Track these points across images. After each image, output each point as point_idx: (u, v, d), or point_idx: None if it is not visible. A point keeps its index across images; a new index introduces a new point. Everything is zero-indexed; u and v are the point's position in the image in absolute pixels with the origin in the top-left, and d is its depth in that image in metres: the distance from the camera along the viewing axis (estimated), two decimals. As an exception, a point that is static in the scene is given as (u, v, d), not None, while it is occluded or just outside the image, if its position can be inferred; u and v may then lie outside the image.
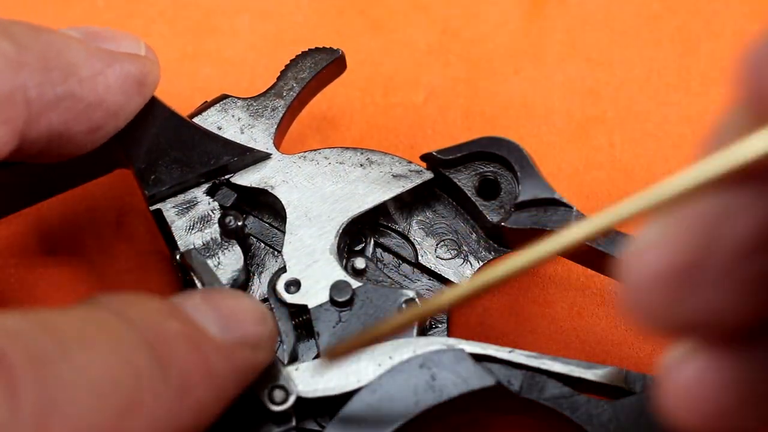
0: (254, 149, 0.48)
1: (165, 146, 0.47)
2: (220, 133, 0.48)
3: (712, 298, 0.28)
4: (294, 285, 0.46)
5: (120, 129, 0.45)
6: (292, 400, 0.43)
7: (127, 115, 0.45)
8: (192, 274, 0.46)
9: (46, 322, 0.36)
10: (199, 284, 0.45)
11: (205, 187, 0.48)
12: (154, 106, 0.47)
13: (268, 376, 0.43)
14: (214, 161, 0.47)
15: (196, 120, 0.48)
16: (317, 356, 0.46)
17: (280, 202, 0.47)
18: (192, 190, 0.48)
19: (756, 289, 0.28)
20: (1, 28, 0.42)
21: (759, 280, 0.28)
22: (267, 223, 0.49)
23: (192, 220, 0.47)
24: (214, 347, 0.39)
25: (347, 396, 0.43)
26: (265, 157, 0.48)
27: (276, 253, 0.48)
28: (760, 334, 0.30)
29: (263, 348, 0.41)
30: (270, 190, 0.48)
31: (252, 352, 0.41)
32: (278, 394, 0.43)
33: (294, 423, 0.43)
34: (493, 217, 0.48)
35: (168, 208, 0.47)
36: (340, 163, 0.48)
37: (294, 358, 0.46)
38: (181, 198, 0.47)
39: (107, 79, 0.44)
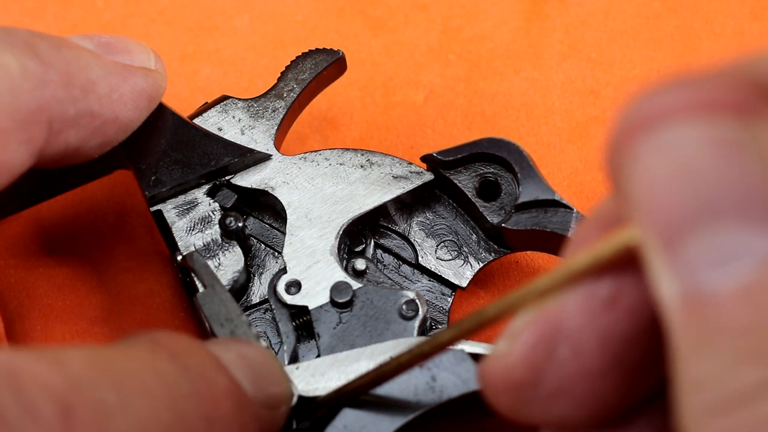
0: (255, 150, 0.48)
1: (165, 147, 0.47)
2: (220, 134, 0.48)
3: (551, 407, 0.32)
4: (294, 286, 0.46)
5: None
6: (292, 402, 0.43)
7: (135, 128, 0.45)
8: (193, 276, 0.46)
9: (110, 367, 0.36)
10: (200, 286, 0.45)
11: (205, 188, 0.48)
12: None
13: None
14: (215, 162, 0.47)
15: (196, 121, 0.48)
16: (318, 357, 0.46)
17: (281, 203, 0.47)
18: (192, 191, 0.48)
19: (597, 399, 0.32)
20: (25, 42, 0.42)
21: (599, 392, 0.32)
22: (267, 224, 0.49)
23: (192, 221, 0.47)
24: (250, 406, 0.39)
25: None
26: (265, 158, 0.48)
27: (276, 254, 0.48)
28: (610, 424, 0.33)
29: (283, 409, 0.42)
30: (270, 191, 0.48)
31: (274, 413, 0.41)
32: None
33: (294, 425, 0.44)
34: (493, 219, 0.48)
35: (168, 209, 0.47)
36: (341, 164, 0.48)
37: (294, 360, 0.46)
38: (181, 199, 0.47)
39: (123, 96, 0.44)
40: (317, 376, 0.44)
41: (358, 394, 0.43)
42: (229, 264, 0.46)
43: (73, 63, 0.42)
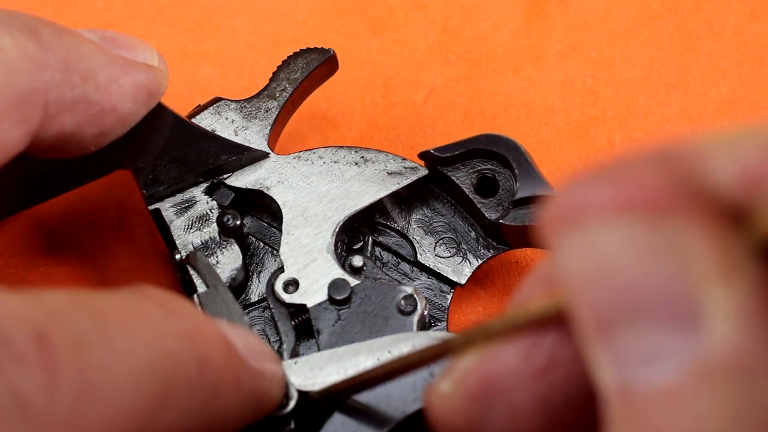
0: (252, 148, 0.48)
1: (163, 146, 0.47)
2: (214, 135, 0.48)
3: None
4: (292, 285, 0.46)
5: (124, 134, 0.45)
6: (291, 405, 0.43)
7: (133, 122, 0.45)
8: (195, 275, 0.46)
9: (89, 303, 0.36)
10: (201, 286, 0.45)
11: (203, 186, 0.48)
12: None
13: None
14: (212, 161, 0.47)
15: (189, 123, 0.48)
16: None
17: (276, 202, 0.48)
18: (190, 189, 0.48)
19: None
20: (27, 26, 0.42)
21: None
22: (265, 222, 0.49)
23: (190, 219, 0.47)
24: (243, 364, 0.39)
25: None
26: (263, 156, 0.48)
27: (275, 252, 0.48)
28: None
29: (277, 387, 0.41)
30: (266, 191, 0.48)
31: (270, 385, 0.41)
32: None
33: (292, 426, 0.43)
34: (491, 215, 0.48)
35: (166, 208, 0.47)
36: (335, 162, 0.48)
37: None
38: (179, 197, 0.47)
39: (122, 87, 0.44)
40: (315, 370, 0.44)
41: (347, 394, 0.43)
42: (227, 262, 0.47)
43: (74, 49, 0.43)
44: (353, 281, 0.46)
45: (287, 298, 0.46)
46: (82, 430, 0.33)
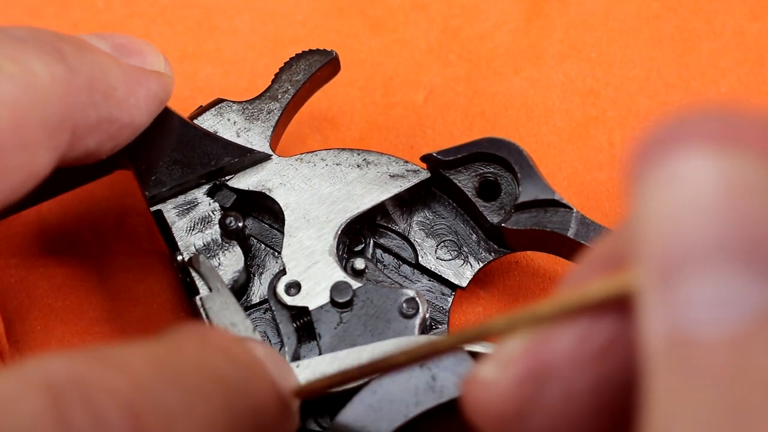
0: (254, 150, 0.48)
1: (165, 147, 0.47)
2: (216, 137, 0.48)
3: None
4: (294, 287, 0.46)
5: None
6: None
7: (142, 129, 0.45)
8: (197, 277, 0.46)
9: (170, 370, 0.35)
10: (203, 288, 0.45)
11: (205, 188, 0.48)
12: None
13: None
14: (215, 162, 0.47)
15: (191, 124, 0.48)
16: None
17: (278, 204, 0.47)
18: (192, 191, 0.48)
19: None
20: (52, 47, 0.41)
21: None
22: (267, 224, 0.49)
23: (192, 221, 0.47)
24: (286, 408, 0.39)
25: (347, 394, 0.44)
26: (265, 157, 0.48)
27: (276, 253, 0.48)
28: None
29: (297, 402, 0.41)
30: (268, 193, 0.48)
31: (294, 406, 0.41)
32: None
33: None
34: (493, 218, 0.48)
35: (168, 209, 0.47)
36: (337, 164, 0.48)
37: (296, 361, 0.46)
38: (181, 199, 0.47)
39: (138, 100, 0.44)
40: (318, 374, 0.44)
41: (345, 382, 0.42)
42: (229, 264, 0.47)
43: (96, 68, 0.42)
44: (355, 284, 0.46)
45: (289, 300, 0.46)
46: None
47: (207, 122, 0.48)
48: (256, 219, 0.49)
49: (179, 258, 0.47)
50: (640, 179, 0.28)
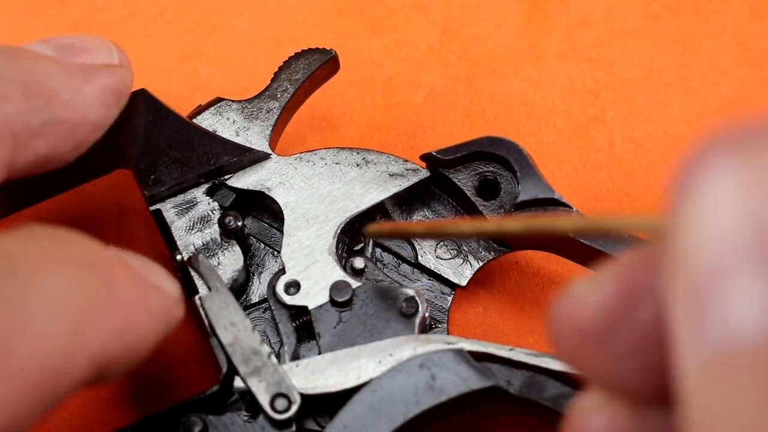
0: (253, 149, 0.48)
1: (164, 146, 0.47)
2: (215, 136, 0.48)
3: (616, 366, 0.31)
4: (293, 286, 0.46)
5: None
6: (294, 409, 0.43)
7: (108, 125, 0.45)
8: (196, 277, 0.46)
9: None
10: (203, 288, 0.45)
11: (204, 187, 0.48)
12: (153, 106, 0.47)
13: (272, 383, 0.43)
14: (214, 161, 0.47)
15: (190, 124, 0.48)
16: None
17: (278, 203, 0.47)
18: (191, 190, 0.48)
19: (654, 365, 0.30)
20: None
21: (656, 359, 0.30)
22: (266, 223, 0.49)
23: (192, 220, 0.47)
24: (146, 283, 0.40)
25: (347, 393, 0.43)
26: (264, 157, 0.48)
27: (276, 253, 0.48)
28: (659, 402, 0.31)
29: (179, 304, 0.41)
30: (267, 192, 0.48)
31: (172, 302, 0.41)
32: (281, 403, 0.43)
33: (294, 428, 0.44)
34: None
35: (168, 209, 0.47)
36: (337, 163, 0.48)
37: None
38: (180, 198, 0.47)
39: (86, 97, 0.43)
40: (317, 373, 0.44)
41: (409, 236, 0.41)
42: (228, 263, 0.46)
43: (32, 73, 0.42)
44: (355, 283, 0.46)
45: (288, 299, 0.46)
46: (12, 370, 0.33)
47: (206, 121, 0.48)
48: (255, 218, 0.49)
49: (178, 257, 0.47)
50: (674, 205, 0.27)
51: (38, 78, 0.42)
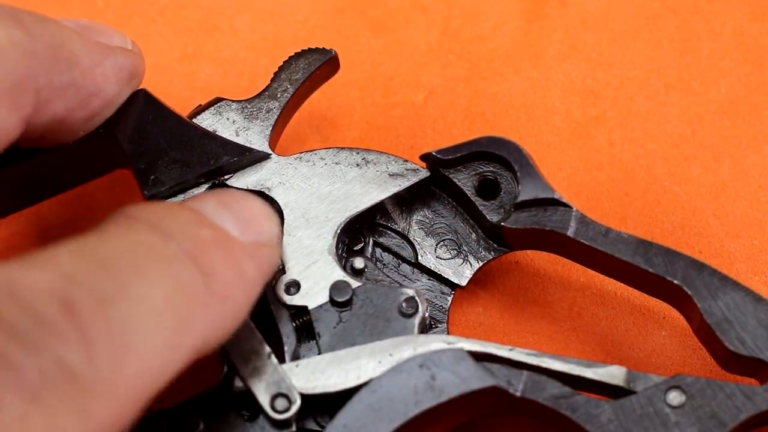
0: (253, 149, 0.48)
1: (165, 146, 0.47)
2: (215, 136, 0.48)
3: None
4: (293, 286, 0.46)
5: (110, 117, 0.46)
6: (294, 409, 0.43)
7: (118, 104, 0.46)
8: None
9: (97, 254, 0.36)
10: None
11: (204, 187, 0.48)
12: (153, 106, 0.47)
13: (271, 383, 0.43)
14: (214, 161, 0.47)
15: (190, 123, 0.48)
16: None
17: (278, 203, 0.47)
18: (191, 190, 0.48)
19: None
20: (11, 16, 0.42)
21: None
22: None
23: (192, 220, 0.47)
24: (240, 249, 0.40)
25: (347, 393, 0.43)
26: (264, 157, 0.48)
27: (276, 253, 0.48)
28: None
29: (275, 244, 0.42)
30: (267, 192, 0.48)
31: (268, 250, 0.42)
32: (281, 403, 0.43)
33: (294, 428, 0.44)
34: (492, 217, 0.48)
35: (168, 209, 0.47)
36: (336, 163, 0.48)
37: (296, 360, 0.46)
38: (180, 198, 0.47)
39: (105, 69, 0.45)
40: (317, 373, 0.44)
41: None
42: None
43: (57, 36, 0.43)
44: (355, 283, 0.46)
45: (288, 299, 0.46)
46: (124, 384, 0.34)
47: (206, 121, 0.48)
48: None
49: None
50: None
51: (63, 41, 0.43)
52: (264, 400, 0.43)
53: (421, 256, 0.49)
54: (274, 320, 0.46)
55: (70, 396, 0.33)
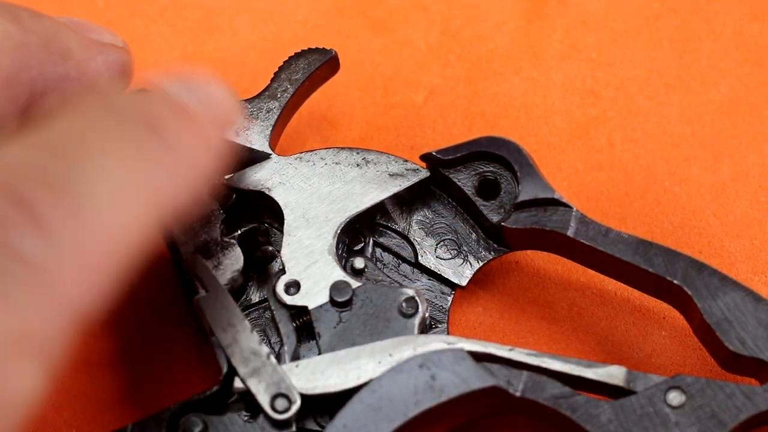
0: (253, 149, 0.48)
1: (165, 146, 0.47)
2: (215, 135, 0.48)
3: None
4: (294, 286, 0.46)
5: None
6: (294, 409, 0.43)
7: None
8: (194, 278, 0.46)
9: (49, 144, 0.35)
10: (201, 290, 0.45)
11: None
12: None
13: (271, 383, 0.43)
14: (214, 161, 0.47)
15: (191, 123, 0.48)
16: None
17: (278, 204, 0.47)
18: (191, 190, 0.48)
19: None
20: (6, 11, 0.43)
21: None
22: (266, 223, 0.49)
23: (192, 220, 0.47)
24: (200, 119, 0.39)
25: (347, 393, 0.43)
26: (264, 157, 0.48)
27: (276, 252, 0.48)
28: None
29: (236, 113, 0.42)
30: (267, 192, 0.48)
31: (230, 115, 0.41)
32: (280, 403, 0.43)
33: (294, 429, 0.44)
34: (492, 217, 0.48)
35: (168, 209, 0.47)
36: (337, 163, 0.48)
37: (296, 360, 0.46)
38: (180, 198, 0.47)
39: (97, 64, 0.45)
40: (317, 374, 0.44)
41: None
42: (228, 263, 0.46)
43: (52, 30, 0.44)
44: (355, 283, 0.46)
45: (288, 299, 0.46)
46: (90, 261, 0.33)
47: (206, 121, 0.48)
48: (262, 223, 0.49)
49: (179, 260, 0.47)
50: None
51: (57, 36, 0.44)
52: (264, 400, 0.43)
53: (421, 256, 0.49)
54: (274, 320, 0.46)
55: (34, 286, 0.32)
